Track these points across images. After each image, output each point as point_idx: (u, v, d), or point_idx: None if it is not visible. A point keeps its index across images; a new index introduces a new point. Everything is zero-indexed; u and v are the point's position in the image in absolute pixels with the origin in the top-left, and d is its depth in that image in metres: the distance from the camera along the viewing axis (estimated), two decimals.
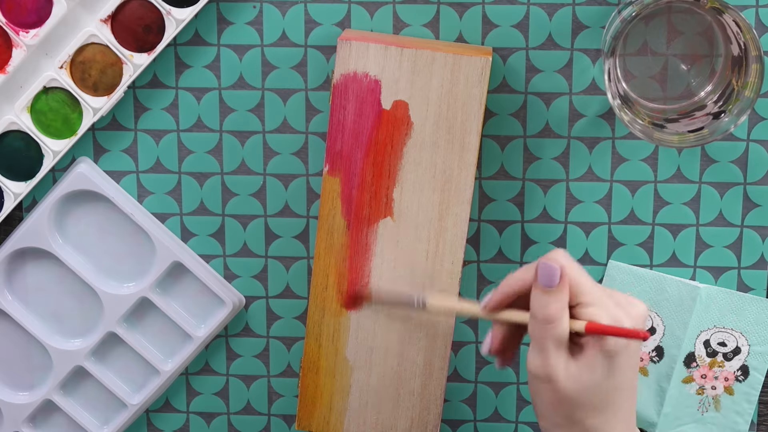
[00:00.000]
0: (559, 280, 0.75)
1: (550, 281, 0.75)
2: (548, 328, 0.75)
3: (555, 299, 0.75)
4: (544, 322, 0.76)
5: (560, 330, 0.75)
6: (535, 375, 0.77)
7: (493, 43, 0.94)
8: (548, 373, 0.76)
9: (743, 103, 0.86)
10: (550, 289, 0.75)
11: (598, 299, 0.76)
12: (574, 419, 0.77)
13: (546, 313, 0.75)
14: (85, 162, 0.97)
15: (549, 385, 0.76)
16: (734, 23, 0.85)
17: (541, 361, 0.76)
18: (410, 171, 0.90)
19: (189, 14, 0.92)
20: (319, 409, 0.95)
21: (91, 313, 1.00)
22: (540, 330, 0.76)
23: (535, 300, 0.76)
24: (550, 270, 0.76)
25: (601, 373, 0.75)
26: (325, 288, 0.93)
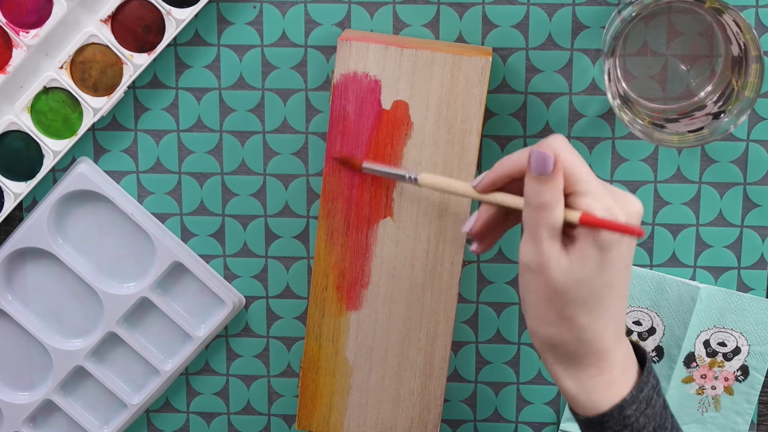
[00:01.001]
0: (552, 168, 0.74)
1: (543, 169, 0.74)
2: (542, 215, 0.74)
3: (548, 187, 0.74)
4: (537, 209, 0.74)
5: (554, 218, 0.74)
6: (527, 265, 0.75)
7: (493, 43, 0.94)
8: (540, 263, 0.75)
9: (743, 103, 0.86)
10: (543, 177, 0.74)
11: (594, 189, 0.75)
12: (564, 316, 0.75)
13: (539, 201, 0.74)
14: (85, 162, 0.97)
15: (541, 277, 0.75)
16: (734, 23, 0.85)
17: (534, 250, 0.75)
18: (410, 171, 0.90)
19: (189, 14, 0.92)
20: (319, 409, 0.95)
21: (91, 313, 1.00)
22: (534, 217, 0.75)
23: (529, 187, 0.75)
24: (543, 158, 0.74)
25: (592, 266, 0.74)
26: (325, 288, 0.93)
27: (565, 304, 0.75)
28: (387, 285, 0.92)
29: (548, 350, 0.78)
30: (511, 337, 1.00)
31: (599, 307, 0.75)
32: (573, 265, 0.74)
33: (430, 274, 0.92)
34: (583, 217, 0.73)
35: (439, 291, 0.92)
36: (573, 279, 0.74)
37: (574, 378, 0.77)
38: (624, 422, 0.77)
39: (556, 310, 0.75)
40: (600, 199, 0.74)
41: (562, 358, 0.77)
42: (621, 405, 0.76)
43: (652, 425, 0.77)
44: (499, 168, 0.78)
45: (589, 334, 0.76)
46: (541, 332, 0.77)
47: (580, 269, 0.74)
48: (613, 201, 0.75)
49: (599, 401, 0.77)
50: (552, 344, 0.77)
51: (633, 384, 0.78)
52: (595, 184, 0.75)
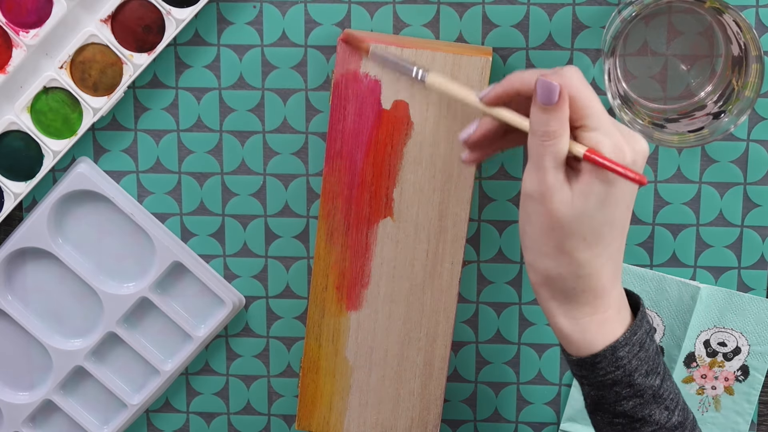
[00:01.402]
0: (557, 98, 0.73)
1: (549, 99, 0.74)
2: (546, 144, 0.74)
3: (554, 117, 0.74)
4: (542, 137, 0.74)
5: (559, 148, 0.74)
6: (530, 194, 0.75)
7: (493, 43, 0.94)
8: (543, 192, 0.74)
9: (743, 103, 0.86)
10: (548, 106, 0.74)
11: (604, 125, 0.74)
12: (563, 249, 0.75)
13: (544, 129, 0.74)
14: (85, 162, 0.97)
15: (542, 207, 0.75)
16: (734, 23, 0.85)
17: (538, 178, 0.75)
18: (410, 171, 0.90)
19: (189, 14, 0.92)
20: (319, 410, 0.95)
21: (91, 313, 1.00)
22: (538, 146, 0.74)
23: (534, 116, 0.75)
24: (548, 87, 0.74)
25: (594, 201, 0.74)
26: (325, 288, 0.93)
27: (565, 236, 0.75)
28: (387, 285, 0.92)
29: (544, 285, 0.78)
30: (511, 337, 1.00)
31: (598, 243, 0.75)
32: (575, 197, 0.74)
33: (430, 274, 0.92)
34: (588, 152, 0.73)
35: (439, 291, 0.92)
36: (574, 211, 0.74)
37: (568, 316, 0.78)
38: (616, 363, 0.77)
39: (555, 243, 0.75)
40: (609, 135, 0.74)
41: (557, 294, 0.77)
42: (614, 345, 0.77)
43: (645, 368, 0.77)
44: (507, 83, 0.78)
45: (586, 270, 0.76)
46: (539, 265, 0.77)
47: (583, 202, 0.74)
48: (623, 139, 0.74)
49: (593, 341, 0.77)
50: (549, 278, 0.77)
51: (627, 326, 0.78)
52: (605, 120, 0.75)
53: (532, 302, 0.99)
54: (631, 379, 0.77)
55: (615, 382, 0.77)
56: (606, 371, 0.77)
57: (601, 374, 0.77)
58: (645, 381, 0.77)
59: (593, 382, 0.78)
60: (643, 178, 0.72)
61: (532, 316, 1.00)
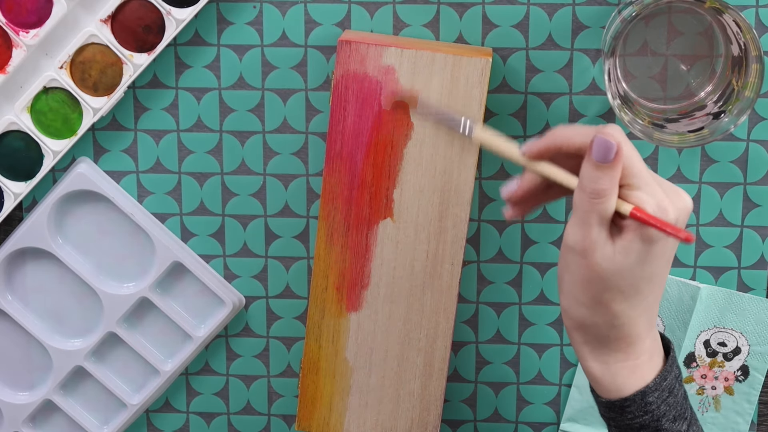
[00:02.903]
0: (614, 157, 0.73)
1: (605, 157, 0.73)
2: (595, 202, 0.73)
3: (607, 175, 0.73)
4: (592, 195, 0.73)
5: (607, 206, 0.73)
6: (572, 247, 0.75)
7: (493, 43, 0.94)
8: (585, 248, 0.74)
9: (743, 103, 0.86)
10: (603, 164, 0.73)
11: (647, 184, 0.74)
12: (601, 300, 0.75)
13: (595, 188, 0.73)
14: (85, 162, 0.97)
15: (584, 261, 0.75)
16: (734, 23, 0.85)
17: (582, 234, 0.74)
18: (410, 172, 0.90)
19: (189, 14, 0.92)
20: (319, 410, 0.95)
21: (91, 313, 1.00)
22: (586, 203, 0.74)
23: (586, 172, 0.74)
24: (607, 145, 0.73)
25: (635, 258, 0.74)
26: (324, 289, 0.93)
27: (603, 289, 0.75)
28: (387, 286, 0.92)
29: (578, 330, 0.78)
30: (511, 337, 1.00)
31: (636, 296, 0.75)
32: (617, 254, 0.74)
33: (430, 274, 0.92)
34: (634, 210, 0.73)
35: (439, 292, 0.92)
36: (615, 267, 0.74)
37: (600, 360, 0.78)
38: (645, 408, 0.77)
39: (593, 294, 0.75)
40: (652, 194, 0.74)
41: (590, 339, 0.77)
42: (644, 391, 0.77)
43: (673, 414, 0.77)
44: (551, 139, 0.76)
45: (621, 321, 0.76)
46: (574, 312, 0.77)
47: (624, 259, 0.74)
48: (665, 197, 0.74)
49: (623, 385, 0.77)
50: (583, 325, 0.77)
51: (657, 372, 0.78)
52: (648, 178, 0.74)
53: (532, 302, 0.99)
54: (658, 424, 0.77)
55: (642, 426, 0.77)
56: (634, 415, 0.77)
57: (629, 418, 0.77)
58: (672, 426, 0.77)
59: (621, 424, 0.78)
60: (690, 236, 0.71)
61: (532, 316, 1.00)
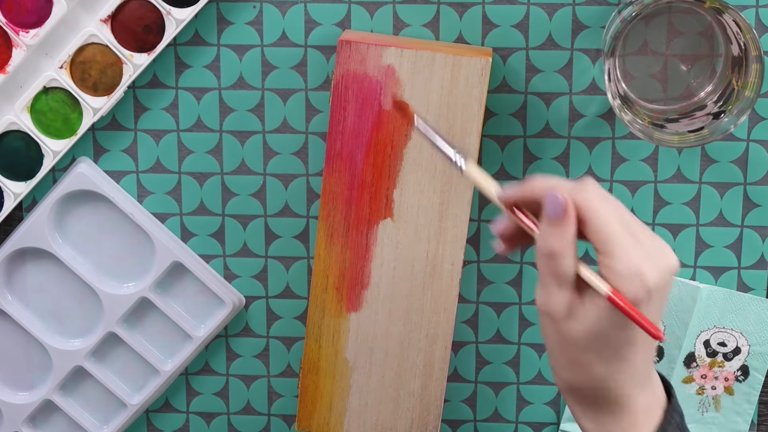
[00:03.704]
0: (563, 215, 0.68)
1: (554, 213, 0.69)
2: (549, 263, 0.69)
3: (557, 233, 0.69)
4: (545, 255, 0.69)
5: (563, 268, 0.69)
6: (540, 310, 0.71)
7: (493, 43, 0.94)
8: (550, 311, 0.70)
9: (743, 103, 0.86)
10: (554, 220, 0.69)
11: (622, 249, 0.68)
12: (580, 363, 0.71)
13: (547, 246, 0.69)
14: (85, 162, 0.97)
15: (552, 324, 0.70)
16: (734, 23, 0.85)
17: (545, 297, 0.70)
18: (410, 172, 0.90)
19: (189, 14, 0.92)
20: (319, 410, 0.95)
21: (91, 313, 1.00)
22: (542, 263, 0.70)
23: (541, 230, 0.70)
24: (555, 201, 0.69)
25: (610, 323, 0.69)
26: (324, 289, 0.93)
27: (579, 352, 0.71)
28: (387, 286, 0.92)
29: (567, 392, 0.75)
30: (511, 337, 1.00)
31: (617, 360, 0.71)
32: (589, 317, 0.69)
33: (430, 275, 0.92)
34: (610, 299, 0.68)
35: (439, 292, 0.92)
36: (586, 331, 0.70)
37: (592, 421, 0.75)
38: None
39: (570, 357, 0.71)
40: (627, 261, 0.68)
41: (580, 401, 0.74)
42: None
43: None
44: (529, 188, 0.72)
45: (607, 384, 0.72)
46: (560, 374, 0.74)
47: (595, 324, 0.69)
48: (645, 260, 0.69)
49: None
50: (571, 387, 0.74)
51: (657, 424, 0.74)
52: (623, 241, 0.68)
53: (532, 302, 1.00)
54: None
55: None
56: None
57: None
58: None
59: None
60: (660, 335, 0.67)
61: (532, 316, 1.00)
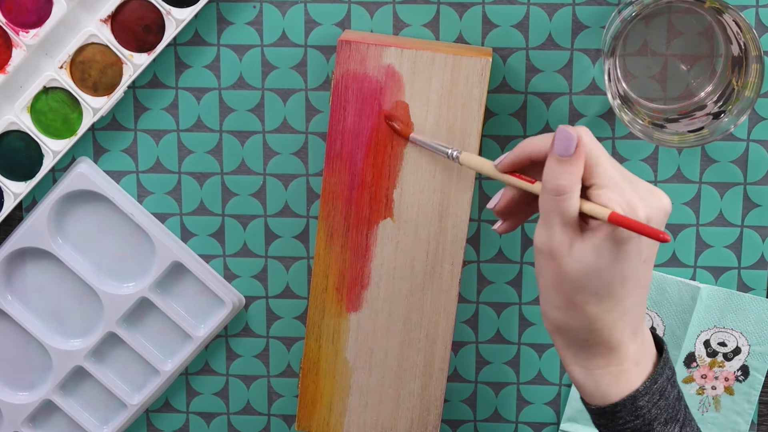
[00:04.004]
0: (575, 150, 0.72)
1: (565, 149, 0.72)
2: (557, 200, 0.72)
3: (568, 170, 0.72)
4: (553, 193, 0.72)
5: (569, 205, 0.72)
6: (540, 249, 0.74)
7: (493, 43, 0.94)
8: (552, 249, 0.73)
9: (743, 103, 0.86)
10: (564, 158, 0.72)
11: (614, 182, 0.72)
12: (574, 303, 0.74)
13: (556, 184, 0.72)
14: (85, 162, 0.97)
15: (552, 263, 0.73)
16: (734, 23, 0.85)
17: (547, 235, 0.73)
18: (410, 172, 0.90)
19: (189, 14, 0.92)
20: (319, 410, 0.95)
21: (91, 313, 1.00)
22: (549, 202, 0.73)
23: (548, 169, 0.73)
24: (567, 136, 0.72)
25: (606, 258, 0.72)
26: (324, 289, 0.93)
27: (575, 291, 0.73)
28: (387, 286, 0.92)
29: (557, 334, 0.77)
30: (511, 337, 1.00)
31: (610, 298, 0.74)
32: (586, 254, 0.72)
33: (430, 275, 0.92)
34: (612, 216, 0.71)
35: (439, 292, 0.92)
36: (584, 268, 0.72)
37: (582, 366, 0.77)
38: (636, 413, 0.76)
39: (565, 296, 0.74)
40: (620, 193, 0.72)
41: (570, 344, 0.77)
42: (634, 396, 0.76)
43: (664, 416, 0.77)
44: (520, 150, 0.76)
45: (598, 324, 0.75)
46: (551, 316, 0.76)
47: (593, 259, 0.72)
48: (636, 196, 0.73)
49: (607, 391, 0.76)
50: (561, 328, 0.76)
51: (647, 375, 0.77)
52: (615, 176, 0.73)
53: (532, 302, 1.00)
54: (650, 428, 0.76)
55: (634, 430, 0.77)
56: (625, 420, 0.76)
57: (620, 423, 0.76)
58: (664, 429, 0.77)
59: (612, 430, 0.77)
60: (666, 236, 0.69)
61: (532, 316, 1.00)
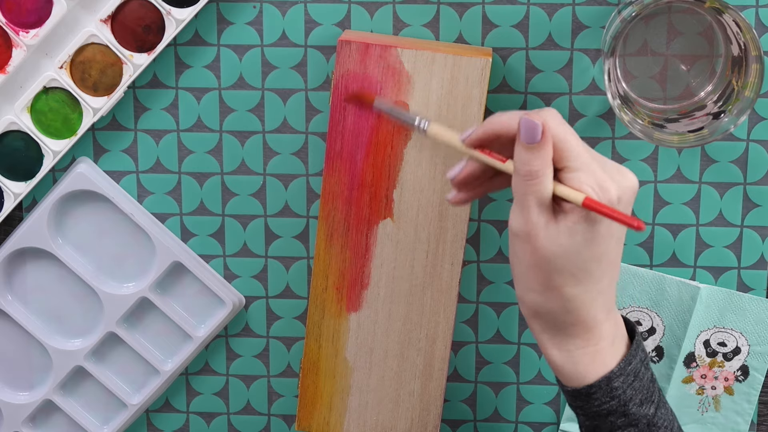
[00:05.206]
0: (540, 137, 0.73)
1: (531, 137, 0.73)
2: (530, 184, 0.74)
3: (537, 156, 0.73)
4: (526, 177, 0.73)
5: (542, 188, 0.73)
6: (515, 233, 0.75)
7: (493, 43, 0.94)
8: (527, 231, 0.74)
9: (743, 103, 0.86)
10: (532, 145, 0.73)
11: (585, 164, 0.74)
12: (551, 285, 0.75)
13: (528, 169, 0.73)
14: (85, 162, 0.97)
15: (528, 245, 0.74)
16: (734, 23, 0.85)
17: (523, 218, 0.74)
18: (410, 172, 0.90)
19: (189, 14, 0.92)
20: (319, 410, 0.95)
21: (91, 313, 1.00)
22: (522, 186, 0.74)
23: (518, 155, 0.74)
24: (531, 126, 0.73)
25: (581, 239, 0.74)
26: (324, 289, 0.93)
27: (552, 273, 0.75)
28: (387, 286, 0.92)
29: (534, 318, 0.77)
30: (511, 337, 1.00)
31: (587, 279, 0.75)
32: (561, 235, 0.74)
33: (430, 274, 0.92)
34: (586, 200, 0.72)
35: (438, 292, 0.92)
36: (560, 249, 0.74)
37: (559, 348, 0.78)
38: (611, 394, 0.77)
39: (543, 279, 0.75)
40: (591, 174, 0.73)
41: (548, 327, 0.77)
42: (608, 377, 0.77)
43: (639, 397, 0.77)
44: (488, 125, 0.77)
45: (575, 305, 0.76)
46: (528, 299, 0.77)
47: (569, 240, 0.74)
48: (606, 176, 0.74)
49: (585, 372, 0.77)
50: (538, 312, 0.77)
51: (621, 356, 0.78)
52: (586, 158, 0.74)
53: None
54: (626, 408, 0.77)
55: (610, 412, 0.77)
56: (601, 401, 0.77)
57: (596, 404, 0.77)
58: (639, 410, 0.77)
59: (588, 412, 0.78)
60: (641, 224, 0.71)
61: None
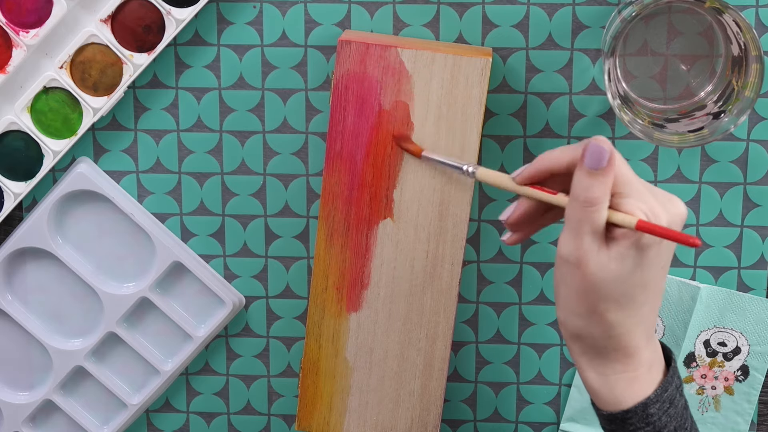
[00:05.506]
0: (607, 164, 0.73)
1: (598, 163, 0.73)
2: (588, 211, 0.73)
3: (599, 182, 0.73)
4: (585, 204, 0.73)
5: (599, 215, 0.73)
6: (566, 259, 0.74)
7: (493, 43, 0.94)
8: (579, 258, 0.74)
9: (743, 103, 0.86)
10: (596, 171, 0.73)
11: (637, 191, 0.74)
12: (596, 310, 0.75)
13: (588, 196, 0.73)
14: (85, 162, 0.97)
15: (578, 271, 0.74)
16: (734, 23, 0.85)
17: (575, 245, 0.74)
18: (410, 172, 0.90)
19: (189, 14, 0.92)
20: (319, 410, 0.95)
21: (91, 313, 1.00)
22: (579, 212, 0.73)
23: (579, 181, 0.73)
24: (599, 151, 0.72)
25: (630, 265, 0.73)
26: (324, 289, 0.93)
27: (598, 299, 0.74)
28: (387, 286, 0.92)
29: (575, 341, 0.78)
30: (511, 337, 1.00)
31: (631, 305, 0.75)
32: (612, 262, 0.73)
33: (430, 274, 0.92)
34: (639, 223, 0.72)
35: (438, 292, 0.92)
36: (610, 276, 0.73)
37: (597, 372, 0.78)
38: (647, 420, 0.77)
39: (588, 305, 0.75)
40: (643, 201, 0.74)
41: (588, 350, 0.77)
42: (645, 403, 0.77)
43: (674, 425, 0.78)
44: (539, 163, 0.77)
45: (618, 331, 0.76)
46: (570, 323, 0.77)
47: (618, 267, 0.73)
48: (657, 203, 0.74)
49: (621, 397, 0.77)
50: (580, 336, 0.77)
51: (658, 383, 0.78)
52: (638, 185, 0.74)
53: (532, 302, 1.00)
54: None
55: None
56: (636, 427, 0.77)
57: (631, 430, 0.77)
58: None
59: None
60: (696, 241, 0.70)
61: (532, 316, 1.00)
